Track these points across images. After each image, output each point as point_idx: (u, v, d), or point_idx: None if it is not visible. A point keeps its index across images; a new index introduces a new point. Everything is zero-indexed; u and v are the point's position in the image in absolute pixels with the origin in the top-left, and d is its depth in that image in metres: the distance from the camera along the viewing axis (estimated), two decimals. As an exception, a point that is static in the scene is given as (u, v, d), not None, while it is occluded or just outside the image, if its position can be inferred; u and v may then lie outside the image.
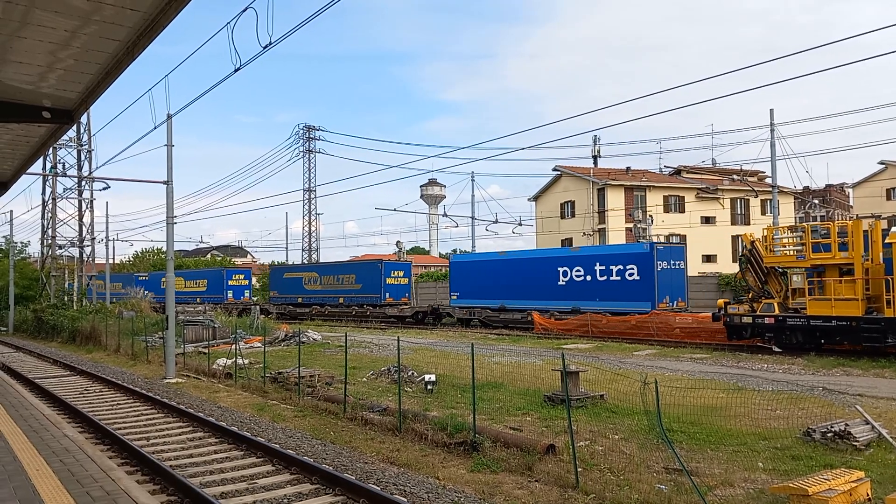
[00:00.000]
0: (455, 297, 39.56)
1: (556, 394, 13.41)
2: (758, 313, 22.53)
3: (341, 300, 46.11)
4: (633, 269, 30.80)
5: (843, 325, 20.08)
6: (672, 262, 31.00)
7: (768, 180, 44.33)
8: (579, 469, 8.85)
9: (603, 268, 32.18)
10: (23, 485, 6.83)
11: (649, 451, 9.97)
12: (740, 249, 23.83)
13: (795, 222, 54.61)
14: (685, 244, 35.61)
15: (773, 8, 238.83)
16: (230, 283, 56.60)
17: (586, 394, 13.54)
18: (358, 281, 45.99)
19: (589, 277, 32.64)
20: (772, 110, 34.44)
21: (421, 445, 11.06)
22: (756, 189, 51.63)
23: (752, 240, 23.32)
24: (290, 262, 67.12)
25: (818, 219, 63.90)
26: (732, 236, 53.20)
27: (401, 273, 45.59)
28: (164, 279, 56.25)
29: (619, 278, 31.35)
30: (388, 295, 44.19)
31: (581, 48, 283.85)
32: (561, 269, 33.99)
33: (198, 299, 54.64)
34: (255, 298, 58.31)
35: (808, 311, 20.99)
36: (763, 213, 54.53)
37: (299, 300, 50.23)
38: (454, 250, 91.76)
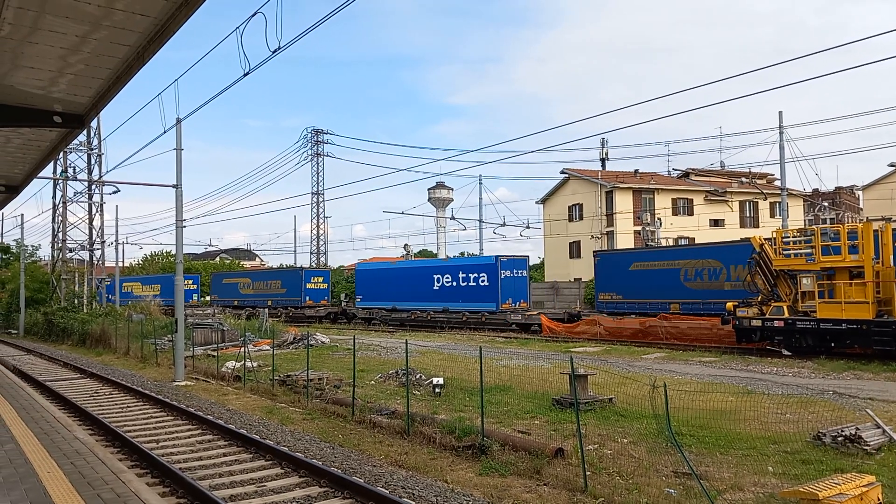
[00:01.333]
0: (359, 300, 46.96)
1: (565, 397, 13.38)
2: (767, 316, 22.42)
3: (269, 303, 51.92)
4: (484, 276, 38.65)
5: (854, 329, 19.96)
6: (515, 271, 38.52)
7: (777, 183, 44.12)
8: (588, 473, 8.83)
9: (464, 276, 40.06)
10: (34, 487, 6.88)
11: (658, 454, 9.94)
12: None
13: (805, 225, 54.33)
14: (528, 257, 42.46)
15: (784, 10, 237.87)
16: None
17: (595, 397, 13.51)
18: (283, 286, 53.10)
19: (454, 283, 40.57)
20: (780, 113, 34.32)
21: (429, 449, 11.06)
22: (765, 192, 51.40)
23: (761, 242, 23.22)
24: (243, 266, 77.12)
25: (828, 221, 63.55)
26: (741, 239, 52.90)
27: (320, 279, 53.12)
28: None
29: (475, 284, 39.22)
30: (308, 298, 50.98)
31: (590, 51, 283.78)
32: (436, 277, 41.88)
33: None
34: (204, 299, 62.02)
35: (818, 314, 20.87)
36: (772, 215, 54.27)
37: (235, 303, 56.51)
38: (462, 253, 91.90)
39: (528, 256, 41.96)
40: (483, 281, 38.65)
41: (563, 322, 33.62)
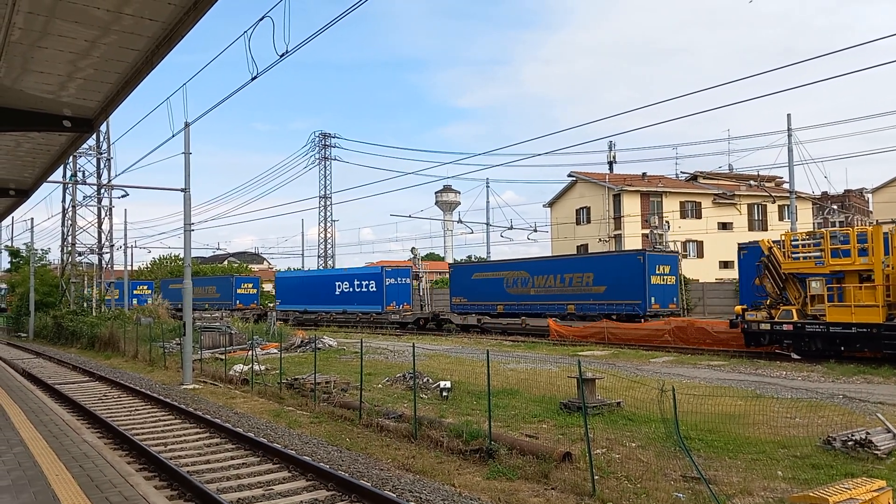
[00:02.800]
0: (279, 304, 53.65)
1: (573, 401, 13.34)
2: (776, 320, 22.31)
3: (207, 306, 57.58)
4: (372, 283, 46.07)
5: (864, 332, 19.84)
6: (399, 278, 46.17)
7: (786, 186, 43.96)
8: (596, 477, 8.80)
9: (358, 283, 47.31)
10: (43, 490, 6.90)
11: (667, 459, 9.89)
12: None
13: (814, 228, 54.03)
14: (411, 266, 48.76)
15: (791, 10, 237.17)
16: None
17: (603, 401, 13.46)
18: (218, 291, 60.81)
19: (351, 289, 47.88)
20: (789, 115, 34.21)
21: (436, 452, 11.05)
22: (773, 195, 51.20)
23: (770, 246, 23.12)
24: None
25: (837, 224, 63.19)
26: (739, 244, 52.70)
27: (250, 285, 61.50)
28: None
29: (366, 290, 46.60)
30: (238, 301, 58.62)
31: (597, 53, 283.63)
32: (337, 284, 49.24)
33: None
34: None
35: (828, 317, 20.75)
36: (781, 218, 54.04)
37: (179, 305, 59.63)
38: (469, 257, 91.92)
39: (410, 266, 49.70)
40: (372, 287, 46.20)
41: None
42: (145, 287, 69.31)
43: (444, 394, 15.53)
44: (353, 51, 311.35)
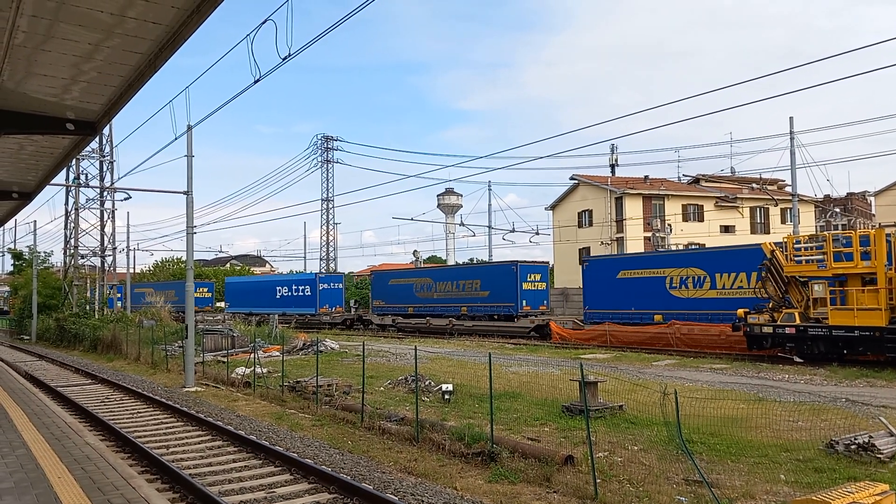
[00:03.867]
0: (228, 306, 59.13)
1: (575, 404, 13.33)
2: (778, 323, 22.28)
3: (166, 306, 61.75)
4: (307, 288, 50.98)
5: (867, 336, 19.79)
6: (332, 283, 51.33)
7: (788, 189, 43.92)
8: (598, 480, 8.79)
9: (295, 287, 52.51)
10: (45, 492, 6.91)
11: (669, 462, 9.87)
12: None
13: (816, 231, 53.96)
14: (344, 273, 56.36)
15: (796, 12, 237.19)
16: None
17: (605, 404, 13.45)
18: (176, 295, 61.60)
19: (290, 293, 52.94)
20: (791, 118, 34.17)
21: (438, 455, 11.04)
22: (776, 198, 51.19)
23: (772, 249, 23.09)
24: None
25: (839, 227, 63.11)
26: (752, 244, 52.67)
27: (205, 289, 64.65)
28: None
29: (301, 294, 51.55)
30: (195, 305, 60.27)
31: (600, 55, 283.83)
32: (277, 288, 54.73)
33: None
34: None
35: (830, 321, 20.71)
36: (783, 221, 53.97)
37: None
38: (471, 259, 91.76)
39: (343, 273, 56.47)
40: (307, 291, 51.11)
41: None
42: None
43: (446, 397, 15.53)
44: (356, 54, 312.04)
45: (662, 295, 29.45)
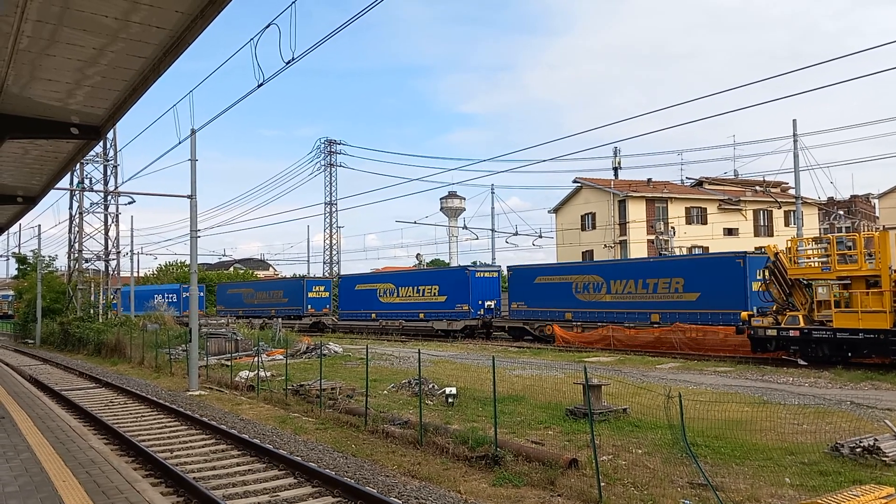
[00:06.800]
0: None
1: (579, 407, 13.31)
2: (782, 326, 22.23)
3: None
4: (291, 291, 54.14)
5: (871, 338, 19.74)
6: (316, 288, 54.63)
7: (792, 191, 43.84)
8: (602, 484, 8.77)
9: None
10: (50, 496, 6.92)
11: (673, 465, 9.85)
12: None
13: (820, 234, 53.89)
14: (331, 280, 57.66)
15: (799, 14, 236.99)
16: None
17: (609, 407, 13.42)
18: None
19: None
20: (794, 121, 34.14)
21: (442, 459, 11.03)
22: (779, 200, 51.11)
23: (776, 251, 23.05)
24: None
25: (843, 230, 62.99)
26: (755, 248, 52.67)
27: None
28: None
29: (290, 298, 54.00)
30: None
31: (602, 57, 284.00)
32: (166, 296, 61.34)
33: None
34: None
35: (835, 323, 20.66)
36: (787, 224, 53.89)
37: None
38: (474, 262, 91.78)
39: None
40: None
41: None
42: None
43: (450, 400, 15.52)
44: (359, 58, 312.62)
45: (570, 297, 34.29)
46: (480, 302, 39.76)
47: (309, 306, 51.73)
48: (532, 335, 35.77)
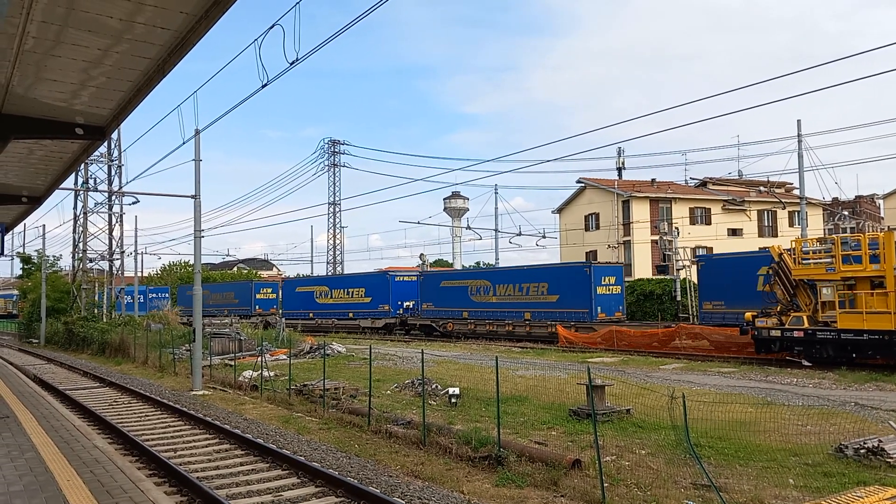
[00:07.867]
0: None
1: (582, 408, 13.30)
2: (787, 327, 22.18)
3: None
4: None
5: (876, 339, 19.68)
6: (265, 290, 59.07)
7: (796, 192, 43.75)
8: (606, 484, 8.76)
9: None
10: (54, 495, 6.94)
11: (677, 466, 9.84)
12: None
13: (824, 234, 53.69)
14: (279, 281, 63.14)
15: (802, 15, 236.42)
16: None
17: (612, 408, 13.42)
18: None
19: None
20: (799, 121, 34.11)
21: (445, 459, 11.04)
22: (784, 201, 50.97)
23: (780, 252, 23.00)
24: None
25: (848, 230, 62.80)
26: (760, 248, 52.55)
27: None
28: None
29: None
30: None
31: (605, 59, 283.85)
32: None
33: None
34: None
35: (839, 324, 20.61)
36: (791, 224, 53.77)
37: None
38: (477, 263, 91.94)
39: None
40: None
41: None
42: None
43: (453, 400, 15.52)
44: (362, 58, 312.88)
45: (467, 299, 39.66)
46: (400, 303, 44.78)
47: (257, 307, 56.03)
48: (438, 331, 41.11)
